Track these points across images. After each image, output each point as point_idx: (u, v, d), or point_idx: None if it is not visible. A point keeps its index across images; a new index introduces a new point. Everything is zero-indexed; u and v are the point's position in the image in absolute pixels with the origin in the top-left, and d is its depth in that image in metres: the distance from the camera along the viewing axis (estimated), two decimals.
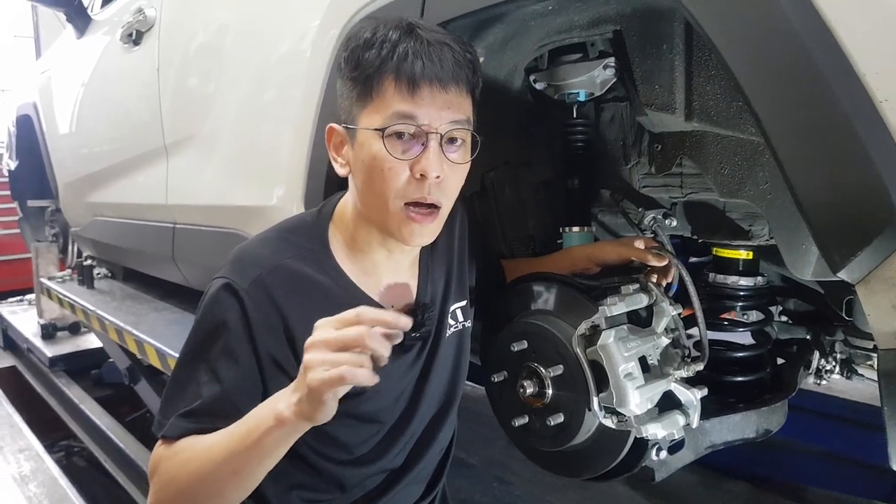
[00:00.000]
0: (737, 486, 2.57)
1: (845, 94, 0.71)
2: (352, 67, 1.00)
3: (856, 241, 0.74)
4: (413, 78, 0.95)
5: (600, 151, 1.40)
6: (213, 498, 0.95)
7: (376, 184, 1.00)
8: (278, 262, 1.05)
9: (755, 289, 1.37)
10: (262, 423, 0.89)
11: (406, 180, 0.99)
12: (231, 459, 0.91)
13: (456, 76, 0.98)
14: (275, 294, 1.02)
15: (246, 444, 0.90)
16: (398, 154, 0.98)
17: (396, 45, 0.96)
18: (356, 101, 1.01)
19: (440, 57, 0.96)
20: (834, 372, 1.59)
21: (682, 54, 1.10)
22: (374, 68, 0.96)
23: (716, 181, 1.16)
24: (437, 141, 0.98)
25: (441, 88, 0.97)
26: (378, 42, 0.97)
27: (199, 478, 0.94)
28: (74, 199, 3.66)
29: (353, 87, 1.01)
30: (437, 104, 0.97)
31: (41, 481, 2.86)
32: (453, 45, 0.98)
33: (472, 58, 1.02)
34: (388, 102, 0.97)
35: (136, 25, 2.56)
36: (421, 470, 1.27)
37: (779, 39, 0.76)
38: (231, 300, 1.01)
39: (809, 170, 0.76)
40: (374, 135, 0.98)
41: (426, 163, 0.98)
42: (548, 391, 1.14)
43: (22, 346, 4.73)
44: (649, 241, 1.24)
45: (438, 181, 1.00)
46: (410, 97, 0.96)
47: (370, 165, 1.00)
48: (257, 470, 0.93)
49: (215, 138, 2.16)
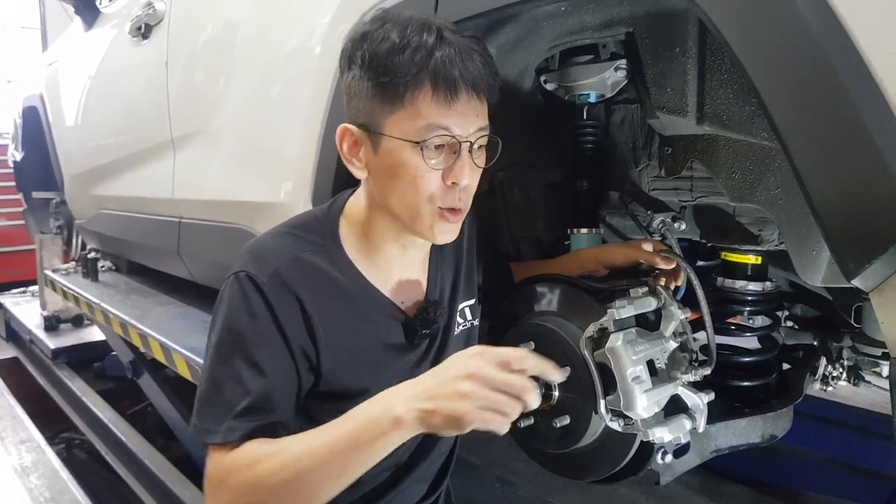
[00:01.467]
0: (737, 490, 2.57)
1: (863, 99, 0.71)
2: (378, 72, 0.95)
3: (871, 249, 0.74)
4: (452, 87, 0.94)
5: (610, 153, 1.40)
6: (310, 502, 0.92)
7: (405, 190, 1.00)
8: (295, 256, 1.05)
9: (763, 294, 1.36)
10: (376, 426, 0.87)
11: (437, 186, 1.00)
12: (335, 463, 0.89)
13: (486, 83, 0.98)
14: (293, 286, 1.02)
15: (356, 447, 0.88)
16: (434, 164, 0.98)
17: (432, 52, 0.93)
18: (381, 105, 0.97)
19: (473, 64, 0.95)
20: (841, 378, 1.58)
21: (695, 57, 1.10)
22: (411, 76, 0.93)
23: (726, 185, 1.16)
24: (468, 149, 0.99)
25: (476, 98, 0.97)
26: (412, 47, 0.94)
27: (295, 484, 0.90)
28: (80, 192, 3.66)
29: (377, 90, 0.97)
30: (470, 113, 0.97)
31: (42, 473, 2.86)
32: (479, 51, 0.98)
33: (492, 61, 1.01)
34: (424, 112, 0.95)
35: (145, 19, 2.56)
36: (425, 469, 1.27)
37: (796, 43, 0.75)
38: (254, 293, 1.00)
39: (826, 176, 0.76)
40: (407, 144, 0.97)
41: (459, 172, 0.98)
42: (554, 393, 1.13)
43: (25, 338, 4.73)
44: (658, 244, 1.24)
45: (467, 186, 1.01)
46: (447, 106, 0.95)
47: (399, 173, 0.99)
48: (364, 469, 0.91)
49: (223, 133, 2.16)
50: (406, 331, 1.14)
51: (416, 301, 1.18)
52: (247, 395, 0.97)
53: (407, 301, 1.16)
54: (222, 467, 0.95)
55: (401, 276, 1.15)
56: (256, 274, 1.01)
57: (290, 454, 0.91)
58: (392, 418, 0.87)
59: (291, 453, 0.91)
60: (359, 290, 1.09)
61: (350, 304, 1.08)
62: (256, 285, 1.01)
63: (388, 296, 1.13)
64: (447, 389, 0.85)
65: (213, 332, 1.04)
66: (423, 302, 1.18)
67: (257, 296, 1.00)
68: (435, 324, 1.15)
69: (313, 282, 1.04)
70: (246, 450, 0.95)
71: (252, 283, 1.01)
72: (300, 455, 0.91)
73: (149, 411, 3.68)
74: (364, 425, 0.89)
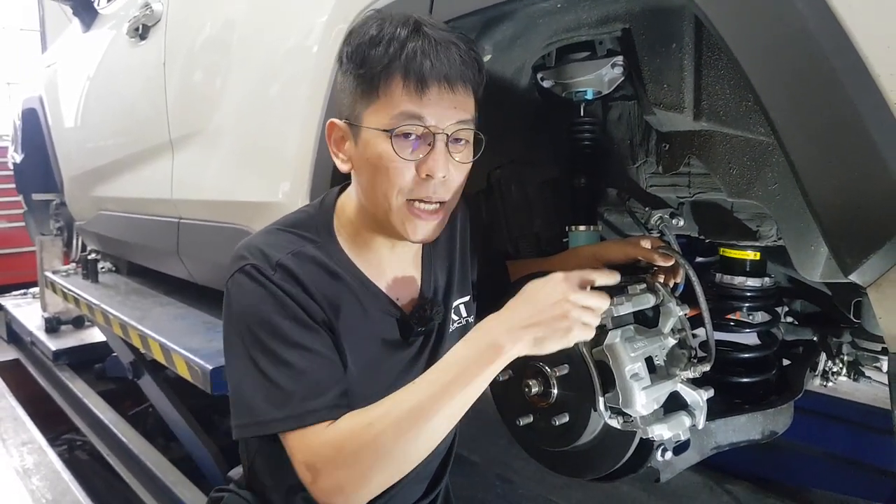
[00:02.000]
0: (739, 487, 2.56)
1: (860, 95, 0.70)
2: (357, 64, 0.99)
3: (868, 244, 0.74)
4: (422, 77, 0.95)
5: (607, 150, 1.40)
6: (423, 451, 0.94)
7: (380, 182, 1.00)
8: (296, 249, 1.05)
9: (762, 289, 1.36)
10: (482, 360, 0.92)
11: (411, 179, 0.99)
12: (451, 403, 0.92)
13: (463, 76, 0.98)
14: (299, 276, 1.02)
15: (466, 383, 0.92)
16: (405, 154, 0.98)
17: (405, 44, 0.95)
18: (360, 98, 1.00)
19: (448, 56, 0.96)
20: (840, 374, 1.58)
21: (692, 53, 1.10)
22: (382, 66, 0.96)
23: (724, 181, 1.15)
24: (443, 141, 0.98)
25: (449, 88, 0.97)
26: (385, 39, 0.96)
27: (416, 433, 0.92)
28: (79, 193, 3.66)
29: (357, 83, 1.00)
30: (444, 104, 0.97)
31: (44, 475, 2.86)
32: (459, 45, 0.98)
33: (477, 56, 1.02)
34: (396, 102, 0.96)
35: (142, 20, 2.56)
36: (423, 467, 1.26)
37: (793, 40, 0.75)
38: (267, 282, 1.00)
39: (822, 172, 0.75)
40: (381, 134, 0.98)
41: (433, 163, 0.98)
42: (553, 391, 1.14)
43: (25, 340, 4.73)
44: (656, 240, 1.23)
45: (444, 180, 1.00)
46: (419, 97, 0.96)
47: (375, 164, 1.00)
48: (468, 405, 0.94)
49: (221, 133, 2.16)
50: (401, 328, 1.14)
51: (411, 298, 1.18)
52: (303, 375, 0.97)
53: (402, 298, 1.16)
54: (327, 444, 0.94)
55: (394, 272, 1.15)
56: (262, 266, 1.01)
57: (404, 408, 0.93)
58: (499, 349, 0.92)
59: (404, 407, 0.93)
60: (358, 283, 1.09)
61: (350, 297, 1.08)
62: (266, 276, 1.01)
63: (385, 291, 1.13)
64: (550, 314, 0.93)
65: (236, 331, 1.02)
66: (419, 299, 1.18)
67: (272, 284, 1.00)
68: (431, 321, 1.15)
69: (316, 274, 1.05)
70: (348, 421, 0.96)
71: (262, 274, 1.01)
72: (416, 406, 0.92)
73: (150, 412, 3.68)
74: (472, 362, 0.93)
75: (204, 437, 2.72)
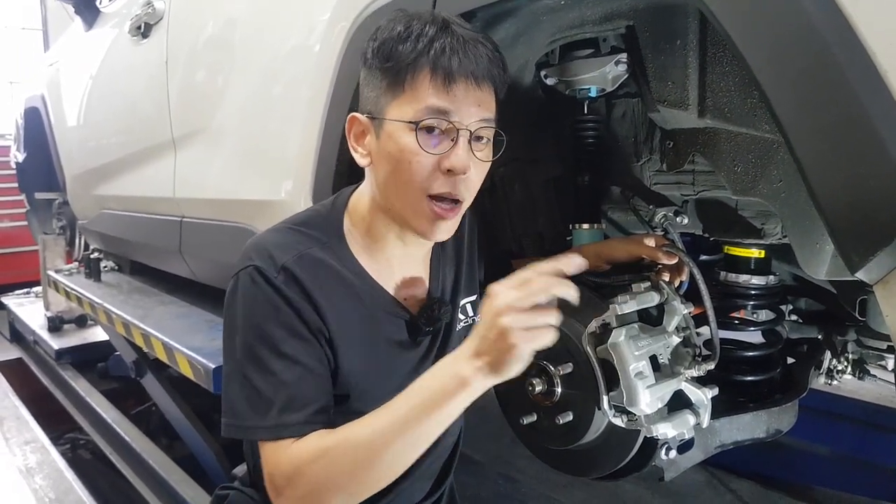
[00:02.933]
0: (744, 486, 2.56)
1: (866, 91, 0.70)
2: (383, 58, 0.99)
3: (875, 242, 0.73)
4: (450, 73, 0.95)
5: (611, 148, 1.39)
6: (382, 480, 0.94)
7: (402, 175, 1.00)
8: (302, 251, 1.05)
9: (767, 287, 1.36)
10: (446, 392, 0.89)
11: (432, 174, 0.99)
12: (408, 435, 0.90)
13: (489, 74, 0.99)
14: (302, 280, 1.02)
15: (427, 416, 0.89)
16: (429, 148, 0.98)
17: (433, 40, 0.96)
18: (385, 91, 1.00)
19: (475, 54, 0.97)
20: (846, 372, 1.57)
21: (696, 50, 1.09)
22: (410, 61, 0.96)
23: (728, 179, 1.15)
24: (466, 138, 0.99)
25: (475, 85, 0.97)
26: (413, 35, 0.97)
27: (372, 463, 0.92)
28: (82, 192, 3.66)
29: (382, 77, 1.00)
30: (470, 101, 0.98)
31: (47, 473, 2.87)
32: (486, 44, 0.99)
33: (502, 57, 1.02)
34: (422, 96, 0.97)
35: (144, 18, 2.56)
36: (428, 467, 1.26)
37: (799, 36, 0.74)
38: (268, 287, 1.00)
39: (829, 169, 0.75)
40: (405, 127, 0.98)
41: (456, 159, 0.98)
42: (557, 389, 1.14)
43: (28, 339, 4.74)
44: (660, 238, 1.23)
45: (465, 177, 1.00)
46: (445, 92, 0.96)
47: (397, 157, 1.00)
48: (433, 438, 0.93)
49: (223, 132, 2.15)
50: (409, 328, 1.14)
51: (419, 298, 1.17)
52: (284, 387, 0.97)
53: (410, 298, 1.16)
54: (289, 463, 0.95)
55: (403, 273, 1.15)
56: (266, 268, 1.01)
57: (363, 436, 0.92)
58: (459, 381, 0.88)
59: (364, 435, 0.92)
60: (364, 286, 1.09)
61: (356, 300, 1.08)
62: (268, 279, 1.01)
63: (392, 292, 1.13)
64: (490, 335, 0.86)
65: (233, 331, 1.03)
66: (426, 299, 1.18)
67: (271, 289, 1.00)
68: (439, 321, 1.15)
69: (320, 278, 1.04)
70: (311, 442, 0.95)
71: (263, 277, 1.01)
72: (373, 435, 0.92)
73: (153, 411, 3.68)
74: (432, 394, 0.90)
75: (207, 435, 2.72)
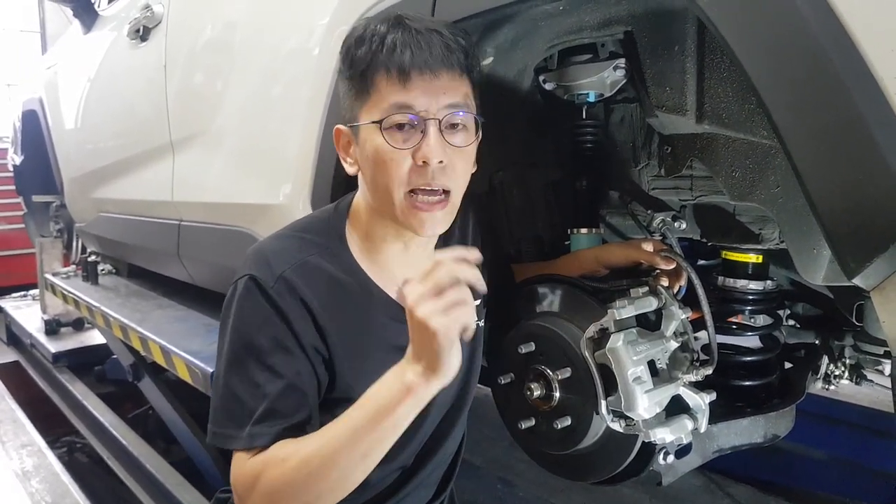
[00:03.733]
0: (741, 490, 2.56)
1: (863, 97, 0.70)
2: (347, 66, 1.02)
3: (872, 248, 0.73)
4: (402, 68, 0.96)
5: (609, 153, 1.39)
6: (338, 489, 0.95)
7: (381, 177, 1.01)
8: (301, 259, 1.05)
9: (764, 292, 1.36)
10: (392, 400, 0.89)
11: (409, 168, 1.00)
12: (359, 444, 0.91)
13: (447, 60, 0.99)
14: (300, 290, 1.02)
15: (377, 424, 0.90)
16: (399, 144, 0.98)
17: (384, 38, 0.97)
18: (355, 99, 1.02)
19: (428, 43, 0.97)
20: (843, 377, 1.57)
21: (694, 56, 1.09)
22: (366, 64, 0.98)
23: (726, 184, 1.15)
24: (436, 127, 0.99)
25: (432, 74, 0.97)
26: (368, 38, 0.99)
27: (325, 472, 0.92)
28: (79, 195, 3.66)
29: (350, 85, 1.03)
30: (431, 90, 0.98)
31: (43, 477, 2.86)
32: (442, 31, 0.99)
33: (465, 41, 1.02)
34: (384, 95, 0.98)
35: (143, 21, 2.56)
36: (430, 473, 1.26)
37: (795, 42, 0.75)
38: (262, 297, 1.01)
39: (826, 175, 0.75)
40: (374, 128, 0.99)
41: (427, 149, 0.98)
42: (555, 394, 1.14)
43: (25, 342, 4.72)
44: (658, 243, 1.23)
45: (442, 166, 1.00)
46: (402, 87, 0.97)
47: (374, 159, 1.01)
48: (385, 447, 0.93)
49: (222, 135, 2.15)
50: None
51: None
52: (264, 399, 0.98)
53: None
54: (251, 472, 0.96)
55: (405, 275, 1.15)
56: (263, 278, 1.02)
57: (315, 446, 0.93)
58: (405, 388, 0.89)
59: (316, 445, 0.93)
60: (365, 292, 1.09)
61: (357, 306, 1.08)
62: (263, 289, 1.01)
63: (394, 296, 1.12)
64: (416, 335, 0.87)
65: (223, 338, 1.05)
66: None
67: (265, 300, 1.01)
68: None
69: (320, 286, 1.05)
70: (272, 452, 0.96)
71: (259, 288, 1.01)
72: (325, 445, 0.93)
73: (150, 415, 3.68)
74: (380, 404, 0.91)
75: (204, 439, 2.72)
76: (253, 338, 1.00)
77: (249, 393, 0.99)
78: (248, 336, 1.01)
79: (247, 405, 0.99)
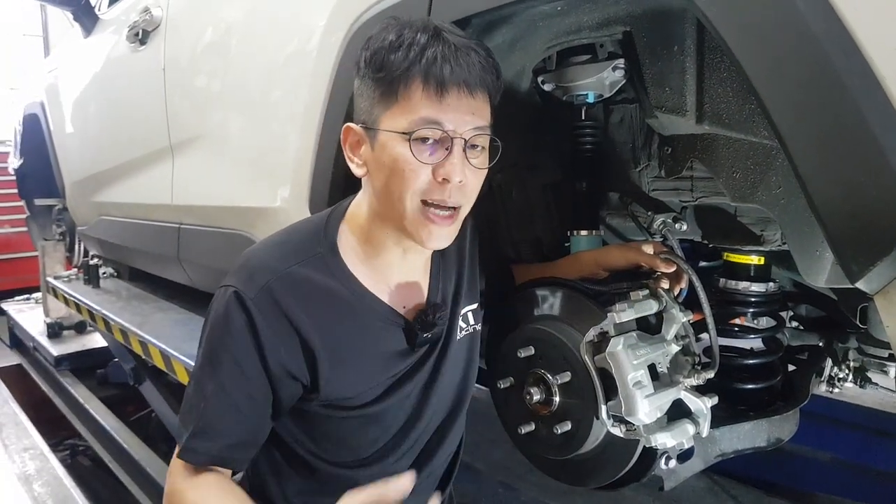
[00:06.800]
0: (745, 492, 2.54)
1: (865, 98, 0.69)
2: (376, 68, 0.98)
3: (875, 251, 0.72)
4: (442, 82, 0.94)
5: (609, 154, 1.38)
6: None
7: (396, 185, 0.99)
8: (285, 270, 1.04)
9: (767, 294, 1.35)
10: None
11: (427, 182, 0.99)
12: None
13: (482, 81, 0.98)
14: (283, 303, 1.01)
15: None
16: (424, 158, 0.97)
17: (425, 49, 0.95)
18: (378, 102, 0.99)
19: (468, 61, 0.95)
20: (847, 380, 1.56)
21: (693, 56, 1.08)
22: (402, 70, 0.95)
23: (727, 185, 1.14)
24: (461, 146, 0.98)
25: (468, 93, 0.96)
26: (405, 44, 0.96)
27: None
28: (81, 198, 3.66)
29: (375, 87, 0.99)
30: (463, 109, 0.97)
31: (46, 480, 2.86)
32: (479, 50, 0.98)
33: (496, 63, 1.01)
34: (415, 106, 0.96)
35: (142, 25, 2.56)
36: (428, 475, 1.25)
37: (796, 42, 0.74)
38: (238, 310, 1.00)
39: (828, 177, 0.74)
40: (399, 137, 0.97)
41: (450, 168, 0.97)
42: (555, 398, 1.13)
43: (28, 345, 4.74)
44: (658, 245, 1.22)
45: (461, 185, 0.99)
46: (438, 101, 0.95)
47: (392, 167, 0.99)
48: None
49: (221, 139, 2.15)
50: (407, 335, 1.13)
51: (417, 305, 1.16)
52: (207, 412, 1.02)
53: (408, 305, 1.15)
54: (174, 494, 1.02)
55: (401, 280, 1.14)
56: (244, 290, 1.01)
57: None
58: None
59: None
60: (356, 299, 1.08)
61: (348, 314, 1.07)
62: (242, 302, 1.00)
63: (388, 301, 1.11)
64: None
65: (200, 344, 1.07)
66: (424, 305, 1.17)
67: (240, 313, 1.00)
68: (435, 326, 1.14)
69: (307, 296, 1.04)
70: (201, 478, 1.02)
71: (237, 300, 1.01)
72: None
73: (151, 418, 3.68)
74: None
75: None
76: (215, 349, 1.03)
77: (198, 401, 1.03)
78: (212, 347, 1.03)
79: (194, 412, 1.03)
